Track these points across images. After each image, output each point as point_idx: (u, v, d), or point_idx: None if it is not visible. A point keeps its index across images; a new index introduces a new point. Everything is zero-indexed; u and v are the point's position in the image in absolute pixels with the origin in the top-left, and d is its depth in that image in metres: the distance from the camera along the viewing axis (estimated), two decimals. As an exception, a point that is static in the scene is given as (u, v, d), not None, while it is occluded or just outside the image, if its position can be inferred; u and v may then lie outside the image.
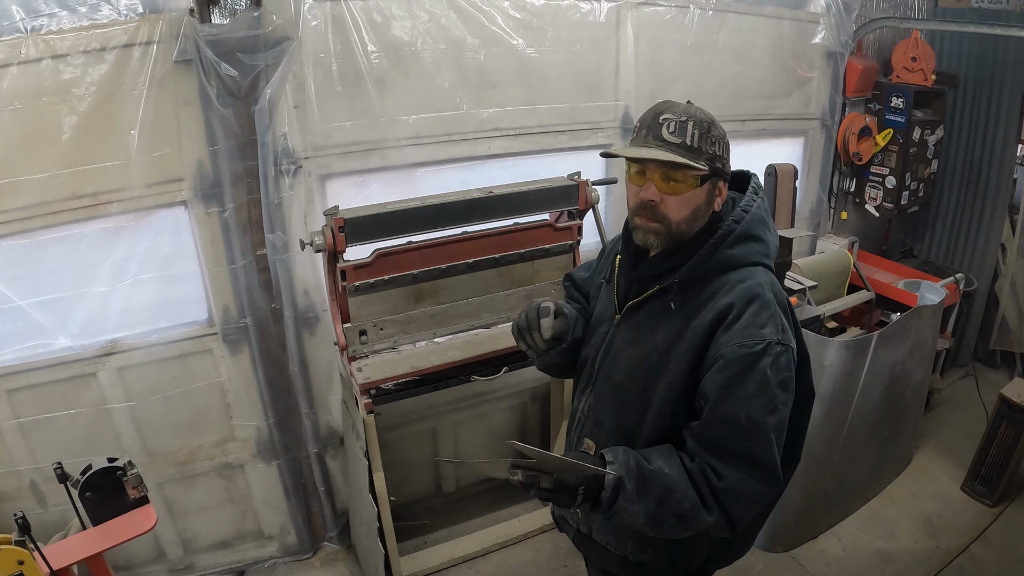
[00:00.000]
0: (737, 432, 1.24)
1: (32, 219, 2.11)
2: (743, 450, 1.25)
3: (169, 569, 2.70)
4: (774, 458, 1.26)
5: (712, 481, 1.25)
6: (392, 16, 2.40)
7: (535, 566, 2.82)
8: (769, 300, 1.28)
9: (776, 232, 1.45)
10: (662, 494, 1.25)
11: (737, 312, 1.27)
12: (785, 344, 1.27)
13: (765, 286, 1.30)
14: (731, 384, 1.25)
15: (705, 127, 1.28)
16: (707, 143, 1.28)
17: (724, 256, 1.32)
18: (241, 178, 2.33)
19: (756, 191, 1.41)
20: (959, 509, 3.10)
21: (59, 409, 2.32)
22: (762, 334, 1.25)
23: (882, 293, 3.48)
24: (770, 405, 1.25)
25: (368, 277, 2.26)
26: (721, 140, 1.31)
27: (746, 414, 1.23)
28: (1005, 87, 3.60)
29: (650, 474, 1.26)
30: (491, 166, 2.76)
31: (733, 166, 1.41)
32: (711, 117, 1.31)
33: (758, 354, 1.24)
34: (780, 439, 1.28)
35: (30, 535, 1.55)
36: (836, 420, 2.70)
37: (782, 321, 1.29)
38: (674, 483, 1.26)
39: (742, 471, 1.25)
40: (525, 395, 3.16)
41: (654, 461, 1.28)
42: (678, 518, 1.26)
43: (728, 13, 3.04)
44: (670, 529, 1.28)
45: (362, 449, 2.36)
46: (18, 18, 1.94)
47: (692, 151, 1.27)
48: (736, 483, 1.25)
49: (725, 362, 1.25)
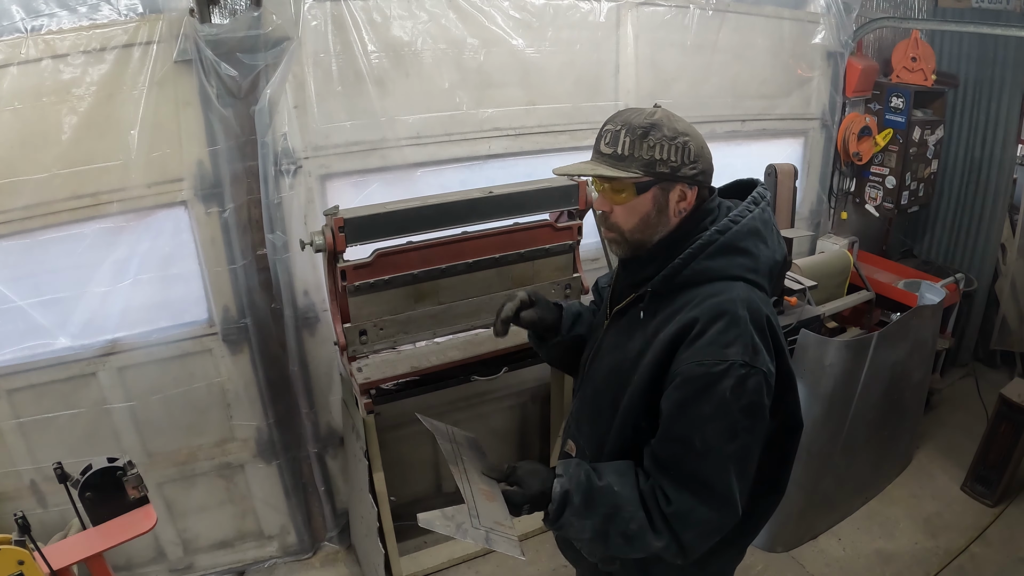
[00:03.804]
0: (690, 455, 1.19)
1: (32, 219, 2.11)
2: (696, 474, 1.19)
3: (169, 569, 2.70)
4: (730, 486, 1.19)
5: (661, 504, 1.21)
6: (392, 16, 2.40)
7: (535, 566, 2.82)
8: (740, 318, 1.19)
9: (778, 247, 1.33)
10: (609, 512, 1.22)
11: (701, 328, 1.20)
12: (754, 367, 1.18)
13: (739, 303, 1.21)
14: (686, 403, 1.19)
15: (639, 133, 1.22)
16: (642, 149, 1.22)
17: (701, 267, 1.25)
18: (241, 178, 2.33)
19: (756, 201, 1.32)
20: (959, 509, 3.10)
21: (59, 409, 2.32)
22: (726, 353, 1.17)
23: (882, 293, 3.48)
24: (729, 430, 1.18)
25: (368, 277, 2.26)
26: (665, 144, 1.22)
27: (700, 437, 1.18)
28: (1005, 87, 3.60)
29: (599, 491, 1.23)
30: (491, 166, 2.76)
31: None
32: (658, 122, 1.23)
33: (718, 375, 1.16)
34: (742, 467, 1.22)
35: (30, 535, 1.55)
36: (836, 420, 2.70)
37: (753, 341, 1.19)
38: (623, 502, 1.22)
39: (695, 496, 1.19)
40: (525, 395, 3.16)
41: (605, 477, 1.25)
42: (625, 538, 1.23)
43: (728, 13, 3.04)
44: (617, 548, 1.26)
45: (362, 449, 2.36)
46: (18, 18, 1.94)
47: (623, 160, 1.24)
48: (685, 508, 1.19)
49: (682, 380, 1.19)
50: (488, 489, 1.32)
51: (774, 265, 1.32)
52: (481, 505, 1.27)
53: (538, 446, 3.25)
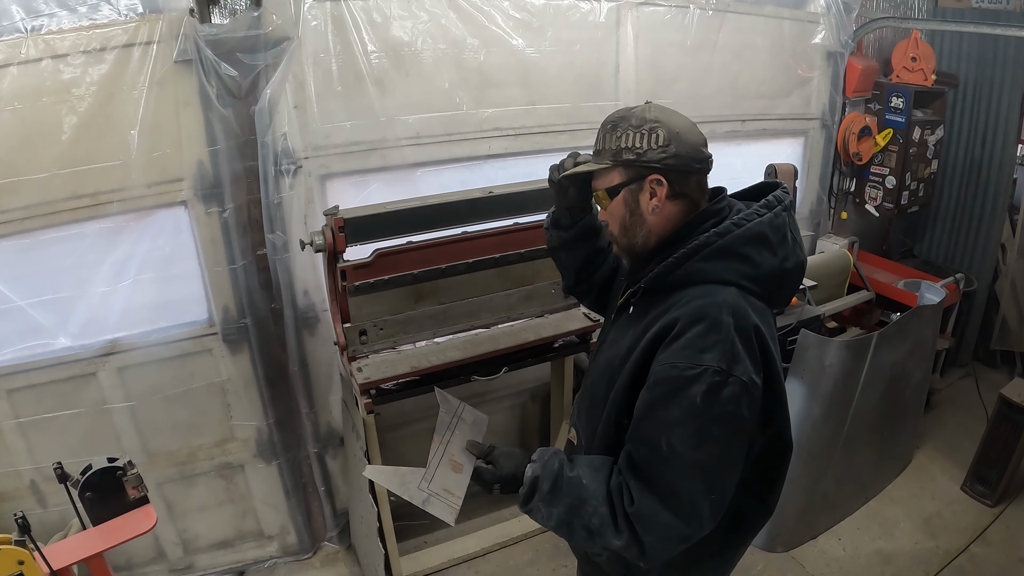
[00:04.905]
0: (657, 457, 1.17)
1: (32, 219, 2.11)
2: (662, 479, 1.17)
3: (169, 569, 2.70)
4: (695, 495, 1.16)
5: (625, 503, 1.19)
6: (392, 16, 2.40)
7: (535, 566, 2.82)
8: (723, 324, 1.15)
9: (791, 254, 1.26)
10: (573, 503, 1.23)
11: (679, 330, 1.17)
12: (732, 375, 1.13)
13: (724, 308, 1.17)
14: (655, 405, 1.18)
15: (610, 125, 1.26)
16: (611, 140, 1.26)
17: (694, 268, 1.22)
18: (241, 178, 2.33)
19: (770, 205, 1.26)
20: (959, 509, 3.10)
21: (59, 409, 2.32)
22: (701, 358, 1.13)
23: (882, 293, 3.48)
24: (697, 437, 1.14)
25: (368, 277, 2.26)
26: (631, 132, 1.22)
27: (667, 441, 1.15)
28: (1005, 87, 3.60)
29: (567, 481, 1.24)
30: (491, 166, 2.76)
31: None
32: (630, 114, 1.24)
33: (690, 379, 1.13)
34: (712, 477, 1.18)
35: (30, 535, 1.55)
36: (836, 420, 2.70)
37: (735, 349, 1.15)
38: (588, 495, 1.22)
39: (661, 501, 1.16)
40: (525, 395, 3.17)
41: (577, 468, 1.26)
42: (587, 531, 1.23)
43: (728, 13, 3.04)
44: (581, 541, 1.27)
45: (362, 449, 2.36)
46: (18, 18, 1.94)
47: (599, 154, 1.29)
48: (648, 511, 1.17)
49: (655, 381, 1.18)
50: (460, 462, 1.42)
51: (782, 274, 1.25)
52: (441, 473, 1.38)
53: (538, 445, 3.23)
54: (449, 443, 1.44)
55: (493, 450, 1.37)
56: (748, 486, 1.30)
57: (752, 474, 1.29)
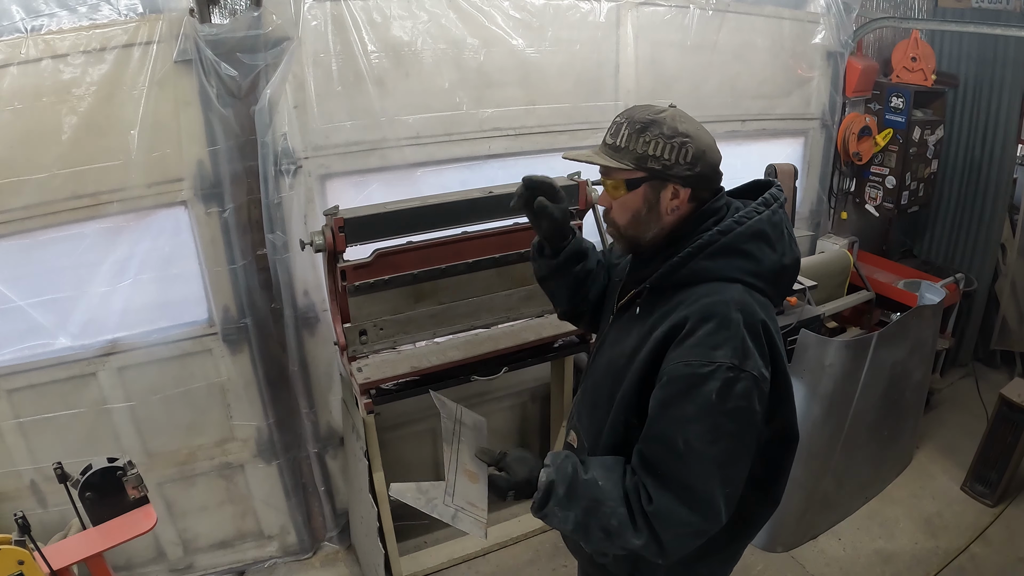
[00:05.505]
0: (673, 455, 1.18)
1: (32, 219, 2.11)
2: (678, 475, 1.18)
3: (169, 569, 2.70)
4: (712, 490, 1.18)
5: (643, 502, 1.20)
6: (392, 16, 2.40)
7: (535, 566, 2.82)
8: (732, 320, 1.18)
9: (788, 251, 1.30)
10: (590, 505, 1.22)
11: (690, 328, 1.19)
12: (744, 370, 1.16)
13: (732, 304, 1.19)
14: (669, 403, 1.19)
15: (639, 127, 1.24)
16: (637, 143, 1.23)
17: (699, 267, 1.24)
18: (241, 178, 2.33)
19: (767, 202, 1.29)
20: (959, 509, 3.10)
21: (59, 409, 2.32)
22: (713, 355, 1.15)
23: (882, 293, 3.48)
24: (712, 433, 1.16)
25: (368, 277, 2.26)
26: (662, 141, 1.22)
27: (683, 438, 1.17)
28: (1005, 87, 3.60)
29: (583, 483, 1.23)
30: (491, 166, 2.76)
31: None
32: (661, 119, 1.24)
33: (703, 376, 1.15)
34: (727, 472, 1.20)
35: (30, 535, 1.55)
36: (836, 420, 2.70)
37: (745, 345, 1.17)
38: (604, 497, 1.22)
39: (677, 498, 1.18)
40: (525, 395, 3.16)
41: (591, 471, 1.26)
42: (605, 532, 1.23)
43: (728, 13, 3.04)
44: (598, 542, 1.26)
45: (362, 449, 2.36)
46: (18, 18, 1.94)
47: (619, 151, 1.26)
48: (665, 509, 1.18)
49: (668, 379, 1.19)
50: (474, 471, 1.35)
51: (781, 270, 1.29)
52: (460, 484, 1.31)
53: (538, 445, 3.25)
54: (459, 452, 1.39)
55: (504, 456, 1.35)
56: (754, 478, 1.31)
57: (758, 466, 1.30)
